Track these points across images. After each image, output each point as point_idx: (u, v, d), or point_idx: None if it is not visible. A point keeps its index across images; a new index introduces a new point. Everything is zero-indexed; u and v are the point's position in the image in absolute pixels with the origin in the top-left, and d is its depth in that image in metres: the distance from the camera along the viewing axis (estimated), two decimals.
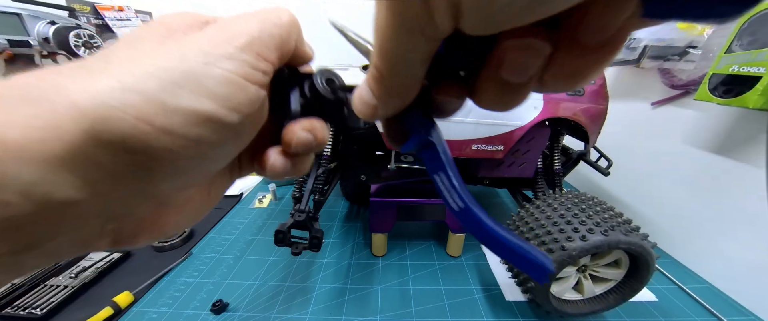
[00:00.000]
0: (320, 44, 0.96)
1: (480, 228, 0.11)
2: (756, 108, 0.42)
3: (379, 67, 0.10)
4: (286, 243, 0.40)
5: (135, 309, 0.44)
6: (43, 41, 0.52)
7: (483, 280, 0.52)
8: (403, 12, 0.08)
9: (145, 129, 0.09)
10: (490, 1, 0.07)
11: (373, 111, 0.12)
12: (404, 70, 0.10)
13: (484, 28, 0.08)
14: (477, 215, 0.11)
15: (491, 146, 0.46)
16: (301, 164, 0.15)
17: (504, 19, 0.08)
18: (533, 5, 0.07)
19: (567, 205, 0.40)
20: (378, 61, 0.10)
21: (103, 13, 0.66)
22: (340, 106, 0.15)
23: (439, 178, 0.12)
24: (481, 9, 0.08)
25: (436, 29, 0.08)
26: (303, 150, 0.14)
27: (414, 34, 0.09)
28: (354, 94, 0.13)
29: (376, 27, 0.10)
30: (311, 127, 0.14)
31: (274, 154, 0.15)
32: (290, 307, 0.46)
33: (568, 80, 0.09)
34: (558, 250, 0.36)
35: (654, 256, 0.37)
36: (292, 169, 0.15)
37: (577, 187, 0.84)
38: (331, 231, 0.64)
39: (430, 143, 0.12)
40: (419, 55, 0.10)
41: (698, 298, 0.48)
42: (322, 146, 0.15)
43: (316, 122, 0.15)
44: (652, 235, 0.39)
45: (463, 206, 0.11)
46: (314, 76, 0.15)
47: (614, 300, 0.41)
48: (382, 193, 0.54)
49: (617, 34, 0.08)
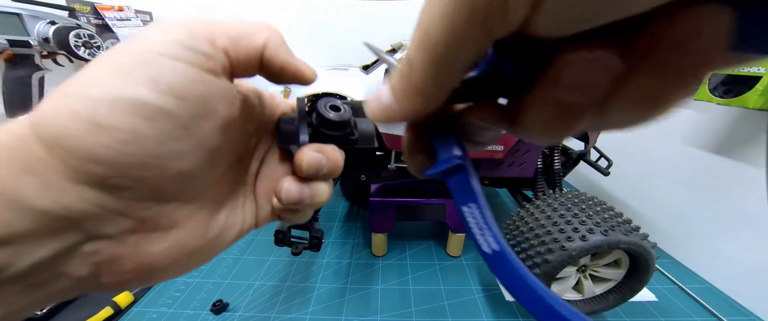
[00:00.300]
0: (321, 45, 0.96)
1: (514, 277, 0.10)
2: (756, 108, 0.42)
3: (413, 59, 0.09)
4: (286, 243, 0.40)
5: (135, 309, 0.44)
6: (43, 41, 0.52)
7: (483, 280, 0.52)
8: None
9: (75, 125, 0.09)
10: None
11: (388, 113, 0.11)
12: (443, 68, 0.09)
13: (560, 27, 0.07)
14: (512, 261, 0.10)
15: (491, 146, 0.46)
16: (317, 190, 0.15)
17: (593, 11, 0.06)
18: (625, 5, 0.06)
19: (567, 205, 0.40)
20: (415, 52, 0.09)
21: (103, 13, 0.66)
22: (347, 127, 0.16)
23: (470, 210, 0.11)
24: (572, 5, 0.06)
25: (504, 21, 0.07)
26: (315, 172, 0.14)
27: (475, 24, 0.07)
28: (370, 96, 0.11)
29: (426, 12, 0.08)
30: (321, 149, 0.14)
31: (288, 181, 0.14)
32: (290, 307, 0.46)
33: (638, 110, 0.08)
34: (558, 250, 0.36)
35: (654, 256, 0.37)
36: (309, 197, 0.14)
37: (577, 187, 0.84)
38: (331, 231, 0.64)
39: (462, 167, 0.11)
40: (468, 55, 0.08)
41: (698, 298, 0.48)
42: (335, 170, 0.15)
43: (326, 146, 0.15)
44: (652, 235, 0.39)
45: (497, 249, 0.10)
46: (318, 104, 0.15)
47: (614, 300, 0.41)
48: (382, 193, 0.54)
49: (701, 55, 0.07)
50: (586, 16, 0.07)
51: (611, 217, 0.38)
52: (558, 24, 0.07)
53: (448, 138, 0.11)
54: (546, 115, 0.09)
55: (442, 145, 0.11)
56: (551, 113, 0.09)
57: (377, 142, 0.16)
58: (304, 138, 0.15)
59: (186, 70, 0.10)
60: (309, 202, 0.15)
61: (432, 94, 0.10)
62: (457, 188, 0.11)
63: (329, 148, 0.15)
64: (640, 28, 0.07)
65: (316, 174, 0.14)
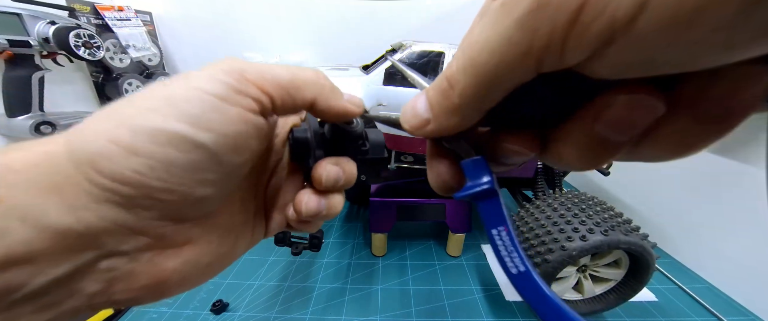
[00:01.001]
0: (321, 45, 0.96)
1: (539, 297, 0.10)
2: None
3: (455, 79, 0.09)
4: (286, 243, 0.40)
5: (135, 309, 0.44)
6: (43, 41, 0.52)
7: (483, 280, 0.52)
8: (536, 25, 0.07)
9: (112, 148, 0.09)
10: (674, 34, 0.06)
11: (423, 124, 0.11)
12: (485, 92, 0.09)
13: (620, 71, 0.07)
14: (537, 282, 0.10)
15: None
16: (334, 202, 0.15)
17: (665, 60, 0.06)
18: (728, 47, 0.06)
19: (567, 205, 0.40)
20: (458, 72, 0.09)
21: (103, 13, 0.66)
22: (360, 139, 0.16)
23: (499, 234, 0.11)
24: (646, 45, 0.06)
25: (558, 58, 0.07)
26: (333, 184, 0.14)
27: (527, 57, 0.07)
28: (406, 105, 0.12)
29: (474, 34, 0.08)
30: (337, 162, 0.15)
31: (306, 195, 0.15)
32: (290, 307, 0.46)
33: (673, 150, 0.08)
34: (558, 250, 0.36)
35: (654, 256, 0.37)
36: (326, 208, 0.15)
37: (577, 187, 0.84)
38: (331, 231, 0.64)
39: (494, 192, 0.11)
40: (513, 83, 0.08)
41: (698, 298, 0.48)
42: (351, 181, 0.15)
43: (342, 159, 0.15)
44: (652, 235, 0.39)
45: (523, 270, 0.10)
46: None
47: (614, 300, 0.41)
48: (382, 193, 0.54)
49: (741, 108, 0.07)
50: (645, 68, 0.07)
51: (611, 217, 0.38)
52: (614, 70, 0.07)
53: (477, 161, 0.12)
54: (582, 146, 0.09)
55: (472, 168, 0.12)
56: (587, 146, 0.09)
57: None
58: (321, 152, 0.15)
59: (228, 109, 0.11)
60: (325, 214, 0.15)
61: (469, 115, 0.10)
62: (487, 212, 0.11)
63: (344, 160, 0.15)
64: (684, 76, 0.07)
65: (334, 187, 0.14)
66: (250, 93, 0.11)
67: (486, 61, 0.08)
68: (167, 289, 0.12)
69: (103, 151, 0.09)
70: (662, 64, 0.06)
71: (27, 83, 0.53)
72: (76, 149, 0.09)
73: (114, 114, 0.10)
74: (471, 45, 0.09)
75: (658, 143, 0.08)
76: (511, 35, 0.07)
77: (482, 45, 0.08)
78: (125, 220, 0.10)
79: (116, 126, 0.10)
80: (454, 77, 0.09)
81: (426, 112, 0.11)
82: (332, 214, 0.15)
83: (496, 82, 0.08)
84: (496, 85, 0.09)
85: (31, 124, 0.53)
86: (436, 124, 0.11)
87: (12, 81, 0.52)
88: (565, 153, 0.10)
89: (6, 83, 0.52)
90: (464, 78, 0.09)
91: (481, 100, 0.09)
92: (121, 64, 0.70)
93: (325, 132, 0.15)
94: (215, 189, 0.12)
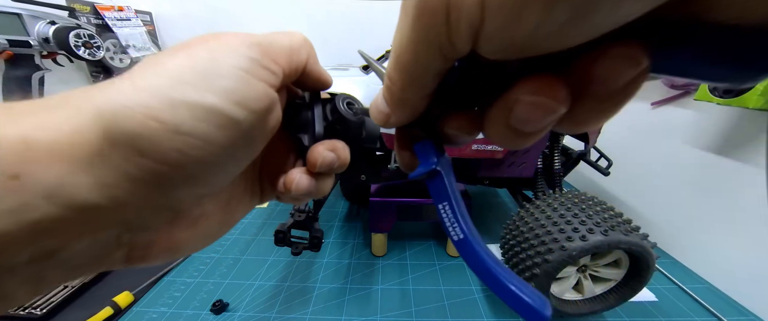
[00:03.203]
0: (321, 45, 0.96)
1: (476, 261, 0.11)
2: (756, 108, 0.42)
3: (392, 77, 0.11)
4: (286, 243, 0.40)
5: (135, 309, 0.44)
6: (43, 41, 0.52)
7: None
8: (425, 27, 0.08)
9: (154, 125, 0.09)
10: (513, 28, 0.07)
11: (386, 118, 0.12)
12: (415, 84, 0.10)
13: (502, 54, 0.08)
14: (475, 248, 0.12)
15: (491, 146, 0.46)
16: (324, 184, 0.15)
17: (524, 46, 0.08)
18: (560, 34, 0.07)
19: (567, 205, 0.40)
20: (392, 71, 0.10)
21: (103, 13, 0.66)
22: (360, 127, 0.16)
23: (442, 207, 0.12)
24: (503, 35, 0.07)
25: (453, 49, 0.08)
26: (327, 169, 0.15)
27: (431, 51, 0.09)
28: (372, 101, 0.13)
29: (395, 38, 0.10)
30: (334, 147, 0.15)
31: (298, 174, 0.15)
32: (290, 307, 0.46)
33: (575, 128, 0.10)
34: (558, 250, 0.36)
35: (654, 256, 0.37)
36: (315, 189, 0.15)
37: (577, 187, 0.84)
38: (331, 231, 0.64)
39: (437, 172, 0.13)
40: (432, 72, 0.10)
41: (698, 298, 0.48)
42: (344, 166, 0.15)
43: (338, 143, 0.15)
44: (652, 235, 0.39)
45: (462, 237, 0.12)
46: (336, 100, 0.15)
47: (614, 300, 0.41)
48: (382, 193, 0.54)
49: (629, 85, 0.08)
50: (520, 50, 0.08)
51: (611, 217, 0.38)
52: (499, 54, 0.08)
53: (426, 144, 0.13)
54: (501, 132, 0.10)
55: (422, 151, 0.13)
56: (507, 131, 0.10)
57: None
58: (321, 132, 0.15)
59: (257, 85, 0.11)
60: (315, 194, 0.15)
61: (415, 104, 0.11)
62: (434, 190, 0.13)
63: (340, 145, 0.15)
64: (575, 60, 0.08)
65: (327, 171, 0.15)
66: (270, 67, 0.12)
67: (405, 58, 0.10)
68: (178, 254, 0.13)
69: (144, 131, 0.09)
70: (529, 46, 0.08)
71: (27, 83, 0.53)
72: (112, 128, 0.09)
73: (141, 82, 0.09)
74: (393, 45, 0.10)
75: (562, 125, 0.09)
76: (413, 36, 0.09)
77: (398, 44, 0.09)
78: (156, 198, 0.10)
79: (154, 98, 0.09)
80: (389, 75, 0.11)
81: (385, 107, 0.12)
82: (321, 194, 0.16)
83: (420, 73, 0.10)
84: (420, 75, 0.10)
85: None
86: (395, 116, 0.12)
87: (12, 81, 0.52)
88: (492, 134, 0.11)
89: (6, 83, 0.52)
90: (396, 74, 0.10)
91: (416, 90, 0.10)
92: (121, 64, 0.70)
93: (328, 114, 0.15)
94: (239, 165, 0.12)
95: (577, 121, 0.09)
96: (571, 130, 0.10)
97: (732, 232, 0.50)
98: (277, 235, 0.39)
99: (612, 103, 0.08)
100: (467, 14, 0.07)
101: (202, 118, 0.10)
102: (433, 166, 0.13)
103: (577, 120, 0.09)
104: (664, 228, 0.61)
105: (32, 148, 0.08)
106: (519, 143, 0.10)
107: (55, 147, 0.09)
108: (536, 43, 0.07)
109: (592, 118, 0.09)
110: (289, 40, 0.13)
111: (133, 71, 0.10)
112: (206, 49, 0.10)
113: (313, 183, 0.15)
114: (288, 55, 0.13)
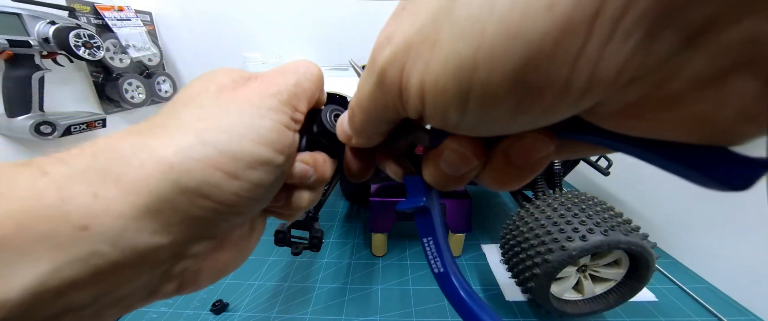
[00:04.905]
0: (321, 45, 0.95)
1: (453, 293, 0.13)
2: None
3: (354, 111, 0.12)
4: (286, 243, 0.40)
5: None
6: (43, 41, 0.52)
7: (483, 280, 0.52)
8: (383, 92, 0.10)
9: (218, 175, 0.11)
10: (443, 120, 0.09)
11: (348, 139, 0.14)
12: (371, 124, 0.12)
13: (437, 125, 0.10)
14: (453, 281, 0.13)
15: None
16: (298, 197, 0.16)
17: (456, 129, 0.10)
18: (476, 130, 0.09)
19: (567, 205, 0.40)
20: (355, 106, 0.12)
21: (103, 13, 0.66)
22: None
23: (427, 241, 0.13)
24: (436, 121, 0.10)
25: (404, 112, 0.10)
26: (299, 181, 0.15)
27: (387, 108, 0.11)
28: (340, 119, 0.14)
29: (360, 83, 0.11)
30: (314, 160, 0.15)
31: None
32: (290, 307, 0.46)
33: (493, 185, 0.12)
34: (558, 250, 0.36)
35: (654, 256, 0.37)
36: (289, 202, 0.15)
37: (577, 187, 0.84)
38: (331, 231, 0.64)
39: (426, 209, 0.14)
40: (386, 120, 0.12)
41: (698, 298, 0.48)
42: (321, 182, 0.16)
43: (319, 156, 0.16)
44: (652, 235, 0.39)
45: (443, 271, 0.13)
46: (323, 112, 0.16)
47: (614, 300, 0.41)
48: (382, 193, 0.54)
49: (539, 160, 0.10)
50: (449, 129, 0.10)
51: (611, 217, 0.38)
52: (437, 126, 0.10)
53: (415, 179, 0.14)
54: (435, 172, 0.12)
55: (411, 185, 0.14)
56: (437, 173, 0.12)
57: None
58: (303, 145, 0.15)
59: (288, 133, 0.13)
60: (289, 207, 0.16)
61: (368, 136, 0.13)
62: (420, 224, 0.14)
63: (321, 158, 0.16)
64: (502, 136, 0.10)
65: (302, 183, 0.15)
66: (296, 117, 0.14)
67: (365, 104, 0.11)
68: (224, 274, 0.15)
69: (210, 179, 0.11)
70: (458, 130, 0.10)
71: (27, 83, 0.53)
72: (183, 179, 0.10)
73: (203, 136, 0.11)
74: (358, 88, 0.12)
75: (482, 179, 0.12)
76: (374, 92, 0.11)
77: (361, 90, 0.11)
78: (208, 230, 0.12)
79: (218, 152, 0.11)
80: (352, 108, 0.13)
81: (348, 130, 0.14)
82: (295, 209, 0.16)
83: (376, 119, 0.12)
84: (377, 121, 0.12)
85: (31, 124, 0.53)
86: (355, 140, 0.14)
87: (12, 81, 0.52)
88: (428, 174, 0.13)
89: (6, 83, 0.52)
90: (357, 111, 0.12)
91: (373, 128, 0.12)
92: (121, 64, 0.70)
93: (314, 127, 0.15)
94: (272, 196, 0.14)
95: (500, 180, 0.11)
96: (496, 189, 0.12)
97: (732, 232, 0.50)
98: (277, 235, 0.39)
99: (527, 170, 0.11)
100: (413, 100, 0.09)
101: (255, 166, 0.12)
102: (422, 203, 0.13)
103: (499, 179, 0.11)
104: (664, 228, 0.61)
105: (101, 197, 0.09)
106: (445, 184, 0.12)
107: (127, 198, 0.09)
108: (461, 130, 0.10)
109: (511, 179, 0.11)
110: (311, 84, 0.15)
111: (182, 118, 0.11)
112: (248, 104, 0.12)
113: (282, 194, 0.15)
114: (309, 98, 0.14)
